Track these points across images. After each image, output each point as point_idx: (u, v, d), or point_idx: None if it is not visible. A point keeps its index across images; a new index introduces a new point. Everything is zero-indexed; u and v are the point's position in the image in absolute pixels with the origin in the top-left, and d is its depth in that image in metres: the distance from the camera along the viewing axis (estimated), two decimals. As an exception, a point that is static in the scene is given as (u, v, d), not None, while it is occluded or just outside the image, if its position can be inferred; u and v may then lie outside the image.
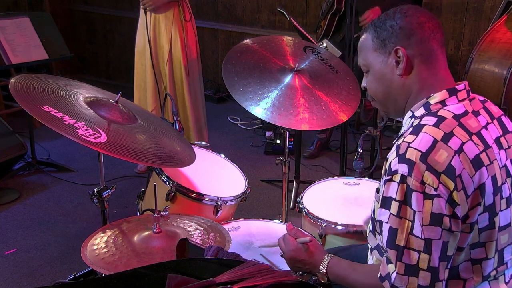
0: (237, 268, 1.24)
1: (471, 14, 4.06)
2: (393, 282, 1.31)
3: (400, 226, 1.30)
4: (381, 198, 1.34)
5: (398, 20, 1.42)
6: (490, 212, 1.33)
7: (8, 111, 4.56)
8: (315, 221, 2.16)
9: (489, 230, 1.34)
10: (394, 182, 1.30)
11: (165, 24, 3.57)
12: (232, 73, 2.33)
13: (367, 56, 1.49)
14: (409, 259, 1.29)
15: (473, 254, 1.35)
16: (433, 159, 1.27)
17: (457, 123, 1.34)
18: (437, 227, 1.27)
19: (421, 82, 1.42)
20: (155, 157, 1.84)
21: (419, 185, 1.27)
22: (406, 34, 1.41)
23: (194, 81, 3.76)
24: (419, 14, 1.42)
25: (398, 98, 1.47)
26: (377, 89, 1.50)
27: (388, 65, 1.45)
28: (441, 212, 1.27)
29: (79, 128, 1.71)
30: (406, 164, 1.28)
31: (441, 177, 1.27)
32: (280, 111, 2.24)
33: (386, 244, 1.32)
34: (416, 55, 1.41)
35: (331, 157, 4.20)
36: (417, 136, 1.31)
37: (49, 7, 5.72)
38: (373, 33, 1.46)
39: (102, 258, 1.71)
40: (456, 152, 1.29)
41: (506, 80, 2.82)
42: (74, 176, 3.86)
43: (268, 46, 2.50)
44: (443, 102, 1.39)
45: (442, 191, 1.27)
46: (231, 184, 2.41)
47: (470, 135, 1.33)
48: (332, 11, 3.90)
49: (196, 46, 3.74)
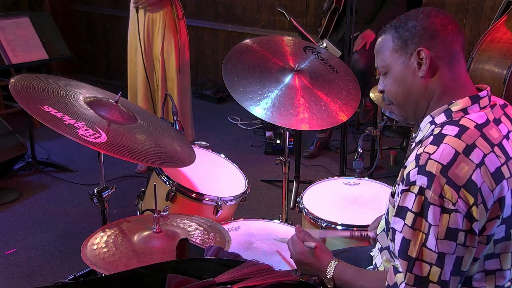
0: (237, 268, 1.24)
1: (471, 14, 4.06)
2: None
3: (413, 238, 1.28)
4: (396, 207, 1.32)
5: (421, 21, 1.38)
6: (507, 224, 1.31)
7: (8, 111, 4.56)
8: (315, 221, 2.16)
9: (505, 242, 1.32)
10: (412, 193, 1.28)
11: (159, 22, 3.58)
12: (232, 73, 2.33)
13: (387, 57, 1.44)
14: (420, 271, 1.27)
15: (487, 265, 1.33)
16: (454, 172, 1.25)
17: (479, 133, 1.30)
18: (452, 241, 1.25)
19: (443, 86, 1.39)
20: (155, 157, 1.84)
21: (437, 198, 1.24)
22: (430, 35, 1.36)
23: (185, 81, 3.77)
24: (442, 16, 1.38)
25: (420, 102, 1.43)
26: (397, 92, 1.45)
27: (409, 66, 1.40)
28: (457, 227, 1.25)
29: (79, 128, 1.71)
30: (426, 176, 1.26)
31: (460, 192, 1.24)
32: (280, 111, 2.24)
33: (398, 254, 1.31)
34: (440, 57, 1.37)
35: (331, 157, 4.20)
36: (438, 147, 1.28)
37: (49, 7, 5.72)
38: (394, 33, 1.41)
39: (102, 258, 1.71)
40: (478, 165, 1.26)
41: (506, 80, 2.82)
42: (74, 176, 3.86)
43: (268, 46, 2.50)
44: (465, 110, 1.35)
45: (460, 206, 1.24)
46: (231, 184, 2.41)
47: (492, 147, 1.30)
48: (331, 9, 3.91)
49: (188, 44, 3.75)
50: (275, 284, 1.22)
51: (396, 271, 1.32)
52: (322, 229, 2.11)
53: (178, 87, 3.70)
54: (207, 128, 4.55)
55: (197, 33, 5.40)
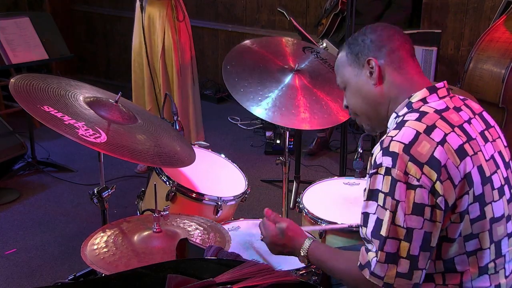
0: (237, 268, 1.24)
1: (471, 14, 4.06)
2: (372, 270, 1.35)
3: (384, 217, 1.33)
4: (367, 191, 1.38)
5: (369, 35, 1.51)
6: (479, 202, 1.36)
7: (8, 111, 4.56)
8: (315, 221, 2.16)
9: (481, 221, 1.37)
10: (380, 174, 1.34)
11: (159, 23, 3.58)
12: (232, 74, 2.33)
13: (343, 72, 1.56)
14: (391, 247, 1.32)
15: (467, 247, 1.37)
16: (416, 150, 1.31)
17: (439, 116, 1.39)
18: (419, 216, 1.31)
19: (397, 88, 1.49)
20: (155, 157, 1.84)
21: (402, 175, 1.31)
22: (377, 45, 1.49)
23: (186, 82, 3.76)
24: (388, 29, 1.52)
25: (379, 107, 1.52)
26: (357, 103, 1.56)
27: (363, 76, 1.51)
28: (423, 202, 1.31)
29: (79, 128, 1.71)
30: (390, 156, 1.33)
31: (424, 168, 1.30)
32: (281, 111, 2.24)
33: (371, 234, 1.36)
34: (387, 63, 1.48)
35: (331, 157, 4.20)
36: (399, 131, 1.36)
37: (49, 7, 5.72)
38: (348, 49, 1.55)
39: (102, 258, 1.71)
40: (439, 143, 1.33)
41: (504, 79, 2.83)
42: (74, 176, 3.87)
43: (267, 47, 2.50)
44: (424, 100, 1.45)
45: (424, 182, 1.30)
46: (231, 184, 2.41)
47: (453, 127, 1.38)
48: (336, 11, 3.91)
49: (190, 47, 3.74)
50: (275, 284, 1.22)
51: (368, 250, 1.37)
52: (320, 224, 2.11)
53: (178, 89, 3.70)
54: (207, 128, 4.54)
55: (197, 33, 5.40)
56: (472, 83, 2.90)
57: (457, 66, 4.16)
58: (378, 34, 1.50)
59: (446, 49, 4.17)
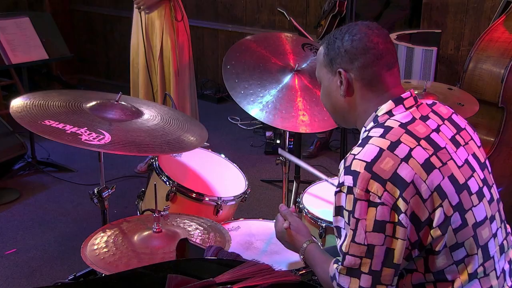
0: (237, 268, 1.24)
1: (471, 14, 4.06)
2: (338, 281, 1.36)
3: (348, 233, 1.33)
4: (334, 208, 1.38)
5: (345, 43, 1.43)
6: (459, 211, 1.34)
7: (8, 111, 4.56)
8: (315, 221, 2.16)
9: (464, 229, 1.35)
10: (343, 193, 1.34)
11: (158, 23, 3.58)
12: (232, 75, 2.33)
13: (319, 70, 1.53)
14: (351, 263, 1.33)
15: (455, 257, 1.35)
16: (379, 167, 1.29)
17: (404, 131, 1.36)
18: (380, 233, 1.29)
19: (366, 102, 1.45)
20: (163, 145, 1.86)
21: (363, 193, 1.29)
22: (350, 58, 1.42)
23: (184, 83, 3.75)
24: (366, 39, 1.42)
25: (346, 115, 1.51)
26: (326, 103, 1.55)
27: (333, 83, 1.48)
28: (384, 219, 1.29)
29: (82, 134, 1.73)
30: (351, 175, 1.31)
31: (387, 185, 1.28)
32: (282, 113, 2.24)
33: (339, 247, 1.37)
34: (357, 79, 1.43)
35: (331, 157, 4.20)
36: (363, 148, 1.34)
37: (49, 7, 5.72)
38: (325, 49, 1.49)
39: (102, 258, 1.71)
40: (403, 159, 1.30)
41: (504, 79, 2.83)
42: (74, 176, 3.87)
43: (267, 44, 2.50)
44: (390, 113, 1.41)
45: (386, 199, 1.28)
46: (231, 184, 2.41)
47: (418, 141, 1.35)
48: (333, 12, 3.91)
49: (188, 47, 3.74)
50: (275, 284, 1.22)
51: (337, 261, 1.39)
52: (321, 229, 2.11)
53: (176, 89, 3.70)
54: (207, 128, 4.54)
55: (197, 33, 5.40)
56: (471, 83, 2.90)
57: (457, 66, 4.16)
58: (355, 45, 1.41)
59: (446, 49, 4.17)
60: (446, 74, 4.17)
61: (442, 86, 2.73)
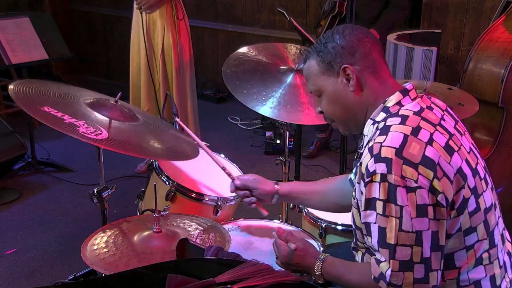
0: (237, 268, 1.24)
1: (471, 14, 4.06)
2: (389, 280, 1.33)
3: (388, 225, 1.32)
4: (364, 201, 1.36)
5: (338, 41, 1.47)
6: (474, 195, 1.37)
7: (8, 111, 4.56)
8: (315, 221, 2.16)
9: (478, 213, 1.38)
10: (375, 182, 1.32)
11: (159, 22, 3.58)
12: (233, 78, 2.34)
13: (317, 81, 1.52)
14: (403, 255, 1.31)
15: (467, 241, 1.37)
16: (408, 152, 1.31)
17: (419, 118, 1.39)
18: (424, 217, 1.30)
19: (375, 93, 1.48)
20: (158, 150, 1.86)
21: (400, 180, 1.29)
22: (350, 52, 1.46)
23: (185, 82, 3.76)
24: (355, 32, 1.48)
25: (358, 113, 1.51)
26: (335, 110, 1.54)
27: (339, 84, 1.48)
28: (425, 203, 1.30)
29: (79, 126, 1.72)
30: (384, 162, 1.31)
31: (419, 168, 1.30)
32: (287, 108, 2.25)
33: (377, 244, 1.34)
34: (363, 69, 1.46)
35: (331, 157, 4.20)
36: (387, 136, 1.35)
37: (49, 7, 5.73)
38: (317, 58, 1.50)
39: (102, 258, 1.71)
40: (427, 143, 1.33)
41: (503, 79, 2.83)
42: (74, 176, 3.87)
43: (265, 52, 2.51)
44: (399, 103, 1.44)
45: (422, 182, 1.30)
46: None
47: (435, 126, 1.38)
48: (333, 13, 3.91)
49: (189, 45, 3.74)
50: (275, 284, 1.22)
51: (379, 261, 1.35)
52: (321, 229, 2.11)
53: (176, 88, 3.70)
54: (207, 128, 4.54)
55: (197, 33, 5.40)
56: (471, 83, 2.90)
57: (457, 66, 4.16)
58: (348, 39, 1.46)
59: (446, 49, 4.17)
60: (446, 74, 4.17)
61: (442, 86, 2.74)
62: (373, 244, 1.36)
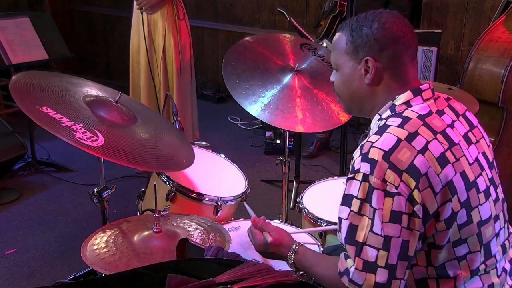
0: (237, 268, 1.24)
1: (471, 14, 4.06)
2: (351, 277, 1.33)
3: (360, 223, 1.31)
4: (342, 195, 1.36)
5: (374, 31, 1.40)
6: (466, 208, 1.35)
7: (8, 111, 4.55)
8: (315, 221, 2.16)
9: (469, 225, 1.36)
10: (357, 180, 1.32)
11: (161, 22, 3.58)
12: (232, 75, 2.34)
13: (339, 56, 1.48)
14: (368, 255, 1.30)
15: (457, 252, 1.36)
16: (396, 157, 1.29)
17: (422, 122, 1.36)
18: (397, 224, 1.29)
19: (388, 92, 1.44)
20: (152, 161, 1.83)
21: (380, 183, 1.28)
22: (380, 47, 1.40)
23: (185, 81, 3.76)
24: (396, 28, 1.40)
25: (364, 104, 1.49)
26: (344, 91, 1.51)
27: (357, 71, 1.44)
28: (401, 210, 1.29)
29: (76, 130, 1.70)
30: (369, 163, 1.30)
31: (403, 175, 1.28)
32: (284, 114, 2.24)
33: (345, 240, 1.34)
34: (386, 68, 1.41)
35: (331, 157, 4.20)
36: (381, 136, 1.33)
37: (49, 7, 5.72)
38: (349, 36, 1.44)
39: (102, 258, 1.71)
40: (420, 151, 1.31)
41: (503, 79, 2.83)
42: (74, 176, 3.86)
43: (266, 44, 2.50)
44: (407, 103, 1.41)
45: (403, 189, 1.28)
46: (231, 184, 2.41)
47: (435, 134, 1.35)
48: (334, 13, 3.91)
49: (189, 45, 3.74)
50: (275, 284, 1.22)
51: (347, 256, 1.35)
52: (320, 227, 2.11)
53: (177, 88, 3.70)
54: (207, 128, 4.54)
55: (197, 33, 5.40)
56: (471, 83, 2.90)
57: (457, 66, 4.16)
58: (384, 34, 1.39)
59: (446, 49, 4.17)
60: (446, 74, 4.17)
61: (442, 86, 2.74)
62: (341, 240, 1.36)
